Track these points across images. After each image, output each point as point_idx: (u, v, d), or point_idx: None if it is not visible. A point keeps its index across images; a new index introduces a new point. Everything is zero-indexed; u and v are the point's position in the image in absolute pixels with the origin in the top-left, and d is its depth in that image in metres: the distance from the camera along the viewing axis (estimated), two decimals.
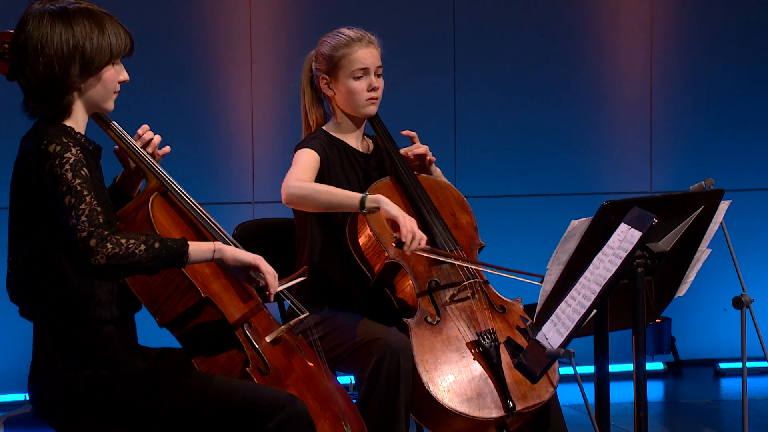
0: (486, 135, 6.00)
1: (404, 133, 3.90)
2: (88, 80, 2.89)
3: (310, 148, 3.72)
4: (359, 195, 3.55)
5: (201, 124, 5.71)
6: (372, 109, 3.79)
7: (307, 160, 3.69)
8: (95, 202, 2.79)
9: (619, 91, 6.12)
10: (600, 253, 2.87)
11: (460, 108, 5.97)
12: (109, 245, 2.75)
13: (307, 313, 3.29)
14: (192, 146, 5.63)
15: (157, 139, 3.17)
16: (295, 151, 3.75)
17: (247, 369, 3.00)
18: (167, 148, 3.19)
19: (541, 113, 6.03)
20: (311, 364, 3.23)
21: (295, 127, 3.97)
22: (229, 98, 5.74)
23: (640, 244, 2.81)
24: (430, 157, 3.88)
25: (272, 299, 3.01)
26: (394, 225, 3.51)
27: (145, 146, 3.13)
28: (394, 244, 3.50)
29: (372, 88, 3.75)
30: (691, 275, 3.17)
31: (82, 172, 2.80)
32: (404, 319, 3.58)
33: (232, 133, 5.77)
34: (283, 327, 3.16)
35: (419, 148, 3.87)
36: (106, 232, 2.76)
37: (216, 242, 2.94)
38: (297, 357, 3.19)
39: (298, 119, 3.89)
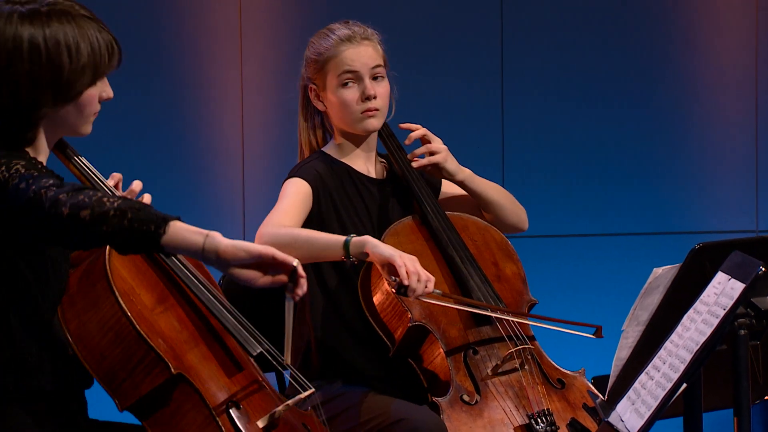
0: (542, 158, 6.00)
1: (403, 126, 3.87)
2: (63, 107, 2.92)
3: (300, 178, 3.73)
4: (342, 239, 3.54)
5: (178, 141, 5.73)
6: (371, 124, 3.77)
7: (292, 197, 3.69)
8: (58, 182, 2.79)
9: (715, 104, 6.11)
10: (691, 311, 2.88)
11: (509, 124, 5.98)
12: (80, 195, 2.71)
13: (312, 390, 3.28)
14: (165, 171, 5.64)
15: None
16: (285, 180, 3.76)
17: None
18: (147, 197, 3.21)
19: (613, 132, 6.03)
20: None
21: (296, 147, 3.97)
22: (214, 109, 5.76)
23: (743, 299, 2.80)
24: (431, 148, 3.85)
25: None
26: (392, 269, 3.50)
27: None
28: (393, 290, 3.49)
29: (366, 97, 3.74)
30: None
31: (39, 167, 2.83)
32: (434, 398, 3.57)
33: (218, 154, 5.78)
34: (280, 407, 3.15)
35: (418, 130, 3.85)
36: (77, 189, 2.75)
37: (213, 232, 2.77)
38: None
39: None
